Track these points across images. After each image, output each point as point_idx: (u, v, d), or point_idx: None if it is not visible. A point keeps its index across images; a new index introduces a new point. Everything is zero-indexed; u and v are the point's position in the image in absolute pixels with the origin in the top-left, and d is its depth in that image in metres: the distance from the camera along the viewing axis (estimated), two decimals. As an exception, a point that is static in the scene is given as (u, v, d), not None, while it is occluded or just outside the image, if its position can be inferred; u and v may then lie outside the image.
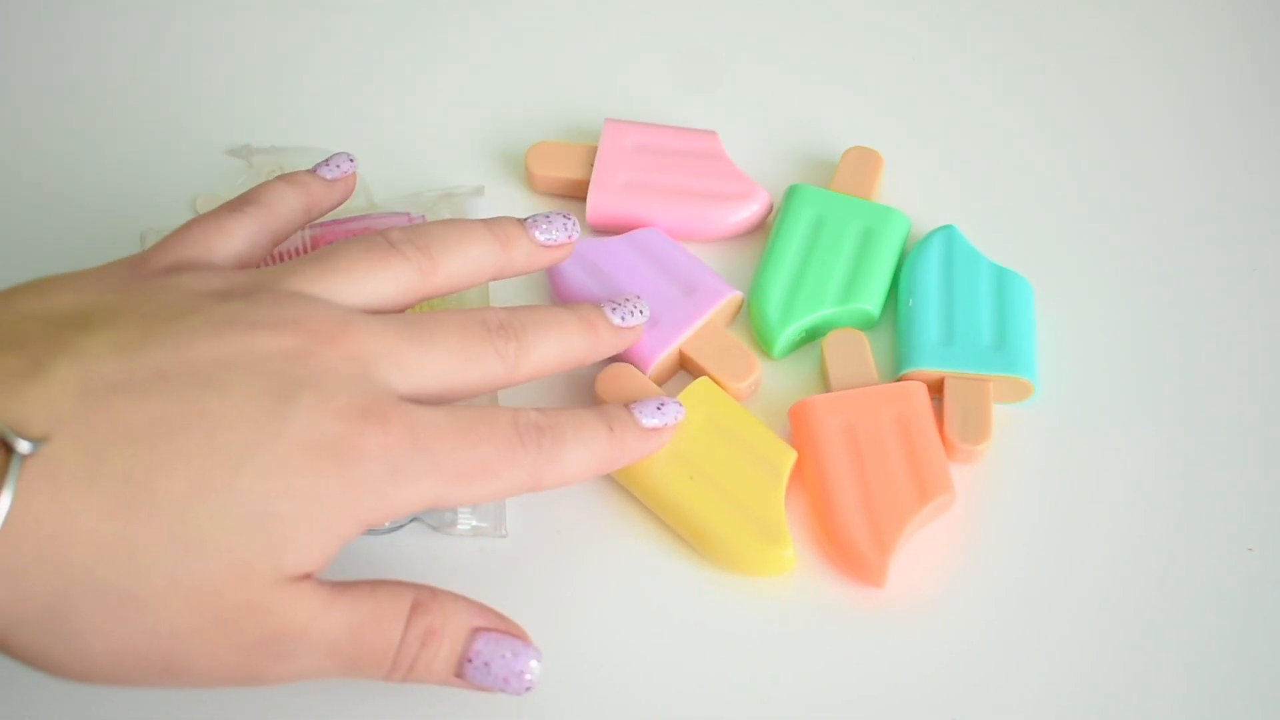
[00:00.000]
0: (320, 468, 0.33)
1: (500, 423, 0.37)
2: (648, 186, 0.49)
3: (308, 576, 0.34)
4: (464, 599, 0.37)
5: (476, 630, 0.37)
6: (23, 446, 0.30)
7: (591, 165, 0.49)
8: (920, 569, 0.42)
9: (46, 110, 0.52)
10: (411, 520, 0.43)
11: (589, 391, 0.45)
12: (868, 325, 0.47)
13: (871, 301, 0.47)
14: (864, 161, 0.50)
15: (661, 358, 0.45)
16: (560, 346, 0.40)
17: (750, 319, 0.47)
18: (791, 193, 0.49)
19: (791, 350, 0.47)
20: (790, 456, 0.43)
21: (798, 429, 0.44)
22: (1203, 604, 0.42)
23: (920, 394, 0.44)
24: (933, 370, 0.45)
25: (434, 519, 0.43)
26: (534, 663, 0.37)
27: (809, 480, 0.43)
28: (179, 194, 0.50)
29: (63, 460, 0.31)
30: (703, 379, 0.45)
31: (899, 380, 0.45)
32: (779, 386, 0.46)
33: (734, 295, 0.47)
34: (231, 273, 0.37)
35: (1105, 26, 0.57)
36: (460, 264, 0.40)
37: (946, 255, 0.47)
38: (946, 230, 0.48)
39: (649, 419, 0.41)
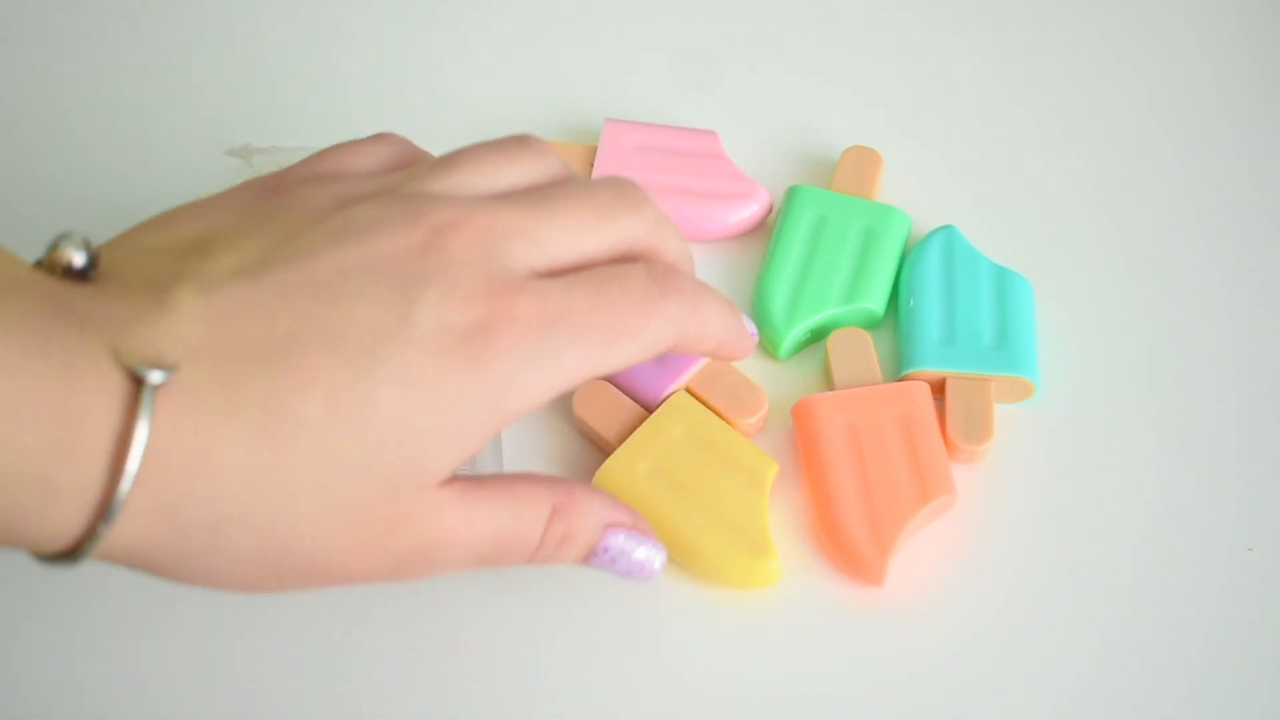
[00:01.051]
0: (455, 368, 0.32)
1: (634, 275, 0.36)
2: (648, 186, 0.48)
3: (452, 478, 0.34)
4: (599, 495, 0.38)
5: (609, 527, 0.38)
6: (154, 377, 0.30)
7: (591, 165, 0.49)
8: (920, 569, 0.42)
9: (46, 109, 0.52)
10: None
11: (566, 410, 0.45)
12: (872, 324, 0.47)
13: (875, 300, 0.47)
14: (863, 161, 0.50)
15: (668, 393, 0.45)
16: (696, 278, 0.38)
17: (755, 321, 0.47)
18: (792, 193, 0.49)
19: (797, 351, 0.47)
20: (772, 468, 0.43)
21: (800, 427, 0.44)
22: (1203, 604, 0.42)
23: (923, 394, 0.44)
24: (934, 371, 0.45)
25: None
26: (659, 561, 0.39)
27: (810, 479, 0.43)
28: (179, 194, 0.49)
29: (199, 391, 0.30)
30: (680, 392, 0.44)
31: (901, 381, 0.45)
32: (783, 384, 0.46)
33: None
34: (357, 179, 0.36)
35: (1105, 26, 0.57)
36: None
37: (947, 255, 0.47)
38: (946, 230, 0.48)
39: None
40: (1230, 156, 0.52)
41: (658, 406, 0.44)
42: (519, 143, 0.37)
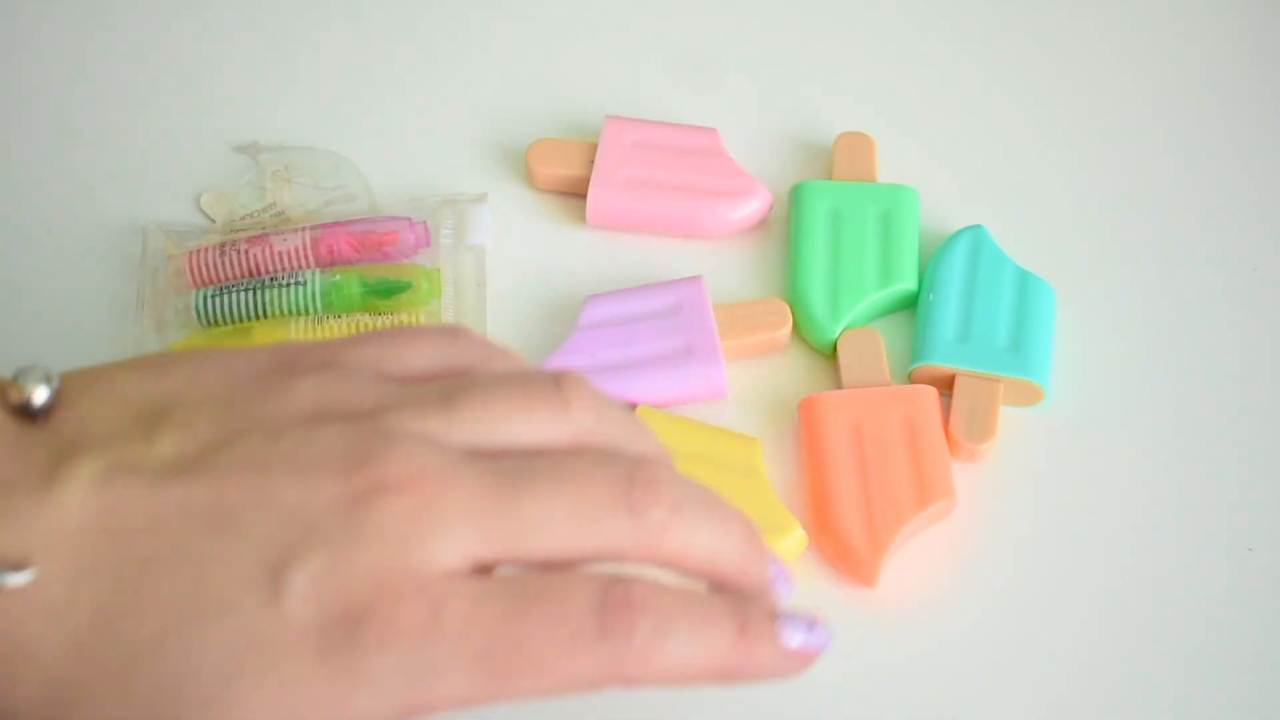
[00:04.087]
0: (303, 648, 0.29)
1: (576, 598, 0.30)
2: (648, 183, 0.48)
3: None
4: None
5: None
6: (8, 580, 0.29)
7: (592, 162, 0.49)
8: (921, 570, 0.43)
9: (52, 105, 0.52)
10: None
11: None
12: (911, 303, 0.47)
13: (908, 279, 0.47)
14: (857, 145, 0.50)
15: None
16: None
17: (797, 324, 0.47)
18: (799, 190, 0.49)
19: None
20: (757, 445, 0.43)
21: (806, 423, 0.44)
22: (1203, 604, 0.42)
23: (930, 397, 0.44)
24: (945, 366, 0.45)
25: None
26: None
27: (810, 475, 0.44)
28: (184, 190, 0.50)
29: (44, 587, 0.29)
30: (641, 406, 0.44)
31: (911, 373, 0.45)
32: (791, 380, 0.46)
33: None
34: (369, 385, 0.32)
35: (1119, 25, 0.55)
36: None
37: (972, 254, 0.47)
38: (975, 230, 0.48)
39: (794, 637, 0.32)
40: (1247, 161, 0.51)
41: None
42: (554, 384, 0.33)
